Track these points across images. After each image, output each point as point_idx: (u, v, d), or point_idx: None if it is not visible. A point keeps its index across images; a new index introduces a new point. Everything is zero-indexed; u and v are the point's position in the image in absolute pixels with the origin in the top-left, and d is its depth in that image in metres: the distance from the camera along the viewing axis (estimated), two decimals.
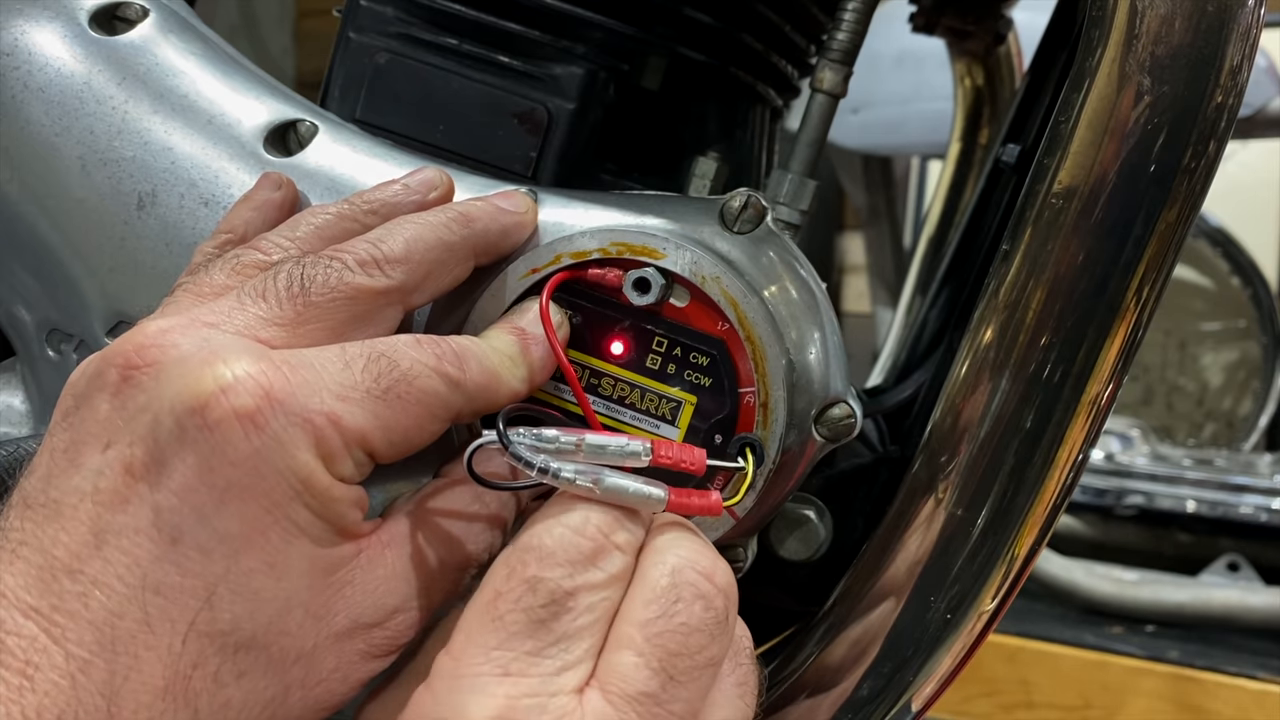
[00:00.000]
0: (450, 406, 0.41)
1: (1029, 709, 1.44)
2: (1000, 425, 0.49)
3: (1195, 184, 0.47)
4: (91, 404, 0.38)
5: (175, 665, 0.35)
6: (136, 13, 0.55)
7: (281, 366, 0.37)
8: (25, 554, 0.36)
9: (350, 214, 0.46)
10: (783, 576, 0.55)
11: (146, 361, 0.38)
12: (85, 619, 0.35)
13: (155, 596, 0.35)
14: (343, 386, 0.38)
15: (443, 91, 0.54)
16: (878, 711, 0.51)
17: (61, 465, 0.37)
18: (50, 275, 0.53)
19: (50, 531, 0.36)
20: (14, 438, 0.51)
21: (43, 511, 0.37)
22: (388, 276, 0.42)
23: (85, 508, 0.36)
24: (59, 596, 0.35)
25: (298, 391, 0.37)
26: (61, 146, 0.52)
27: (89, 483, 0.37)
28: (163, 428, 0.36)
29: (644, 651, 0.37)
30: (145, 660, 0.35)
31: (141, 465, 0.36)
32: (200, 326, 0.39)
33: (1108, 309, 0.48)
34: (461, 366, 0.41)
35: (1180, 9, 0.46)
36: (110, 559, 0.35)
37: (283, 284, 0.41)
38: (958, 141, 1.01)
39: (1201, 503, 1.69)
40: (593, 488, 0.40)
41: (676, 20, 0.56)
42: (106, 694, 0.34)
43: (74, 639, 0.35)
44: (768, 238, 0.48)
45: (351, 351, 0.39)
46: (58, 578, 0.35)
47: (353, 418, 0.38)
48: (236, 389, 0.36)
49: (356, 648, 0.39)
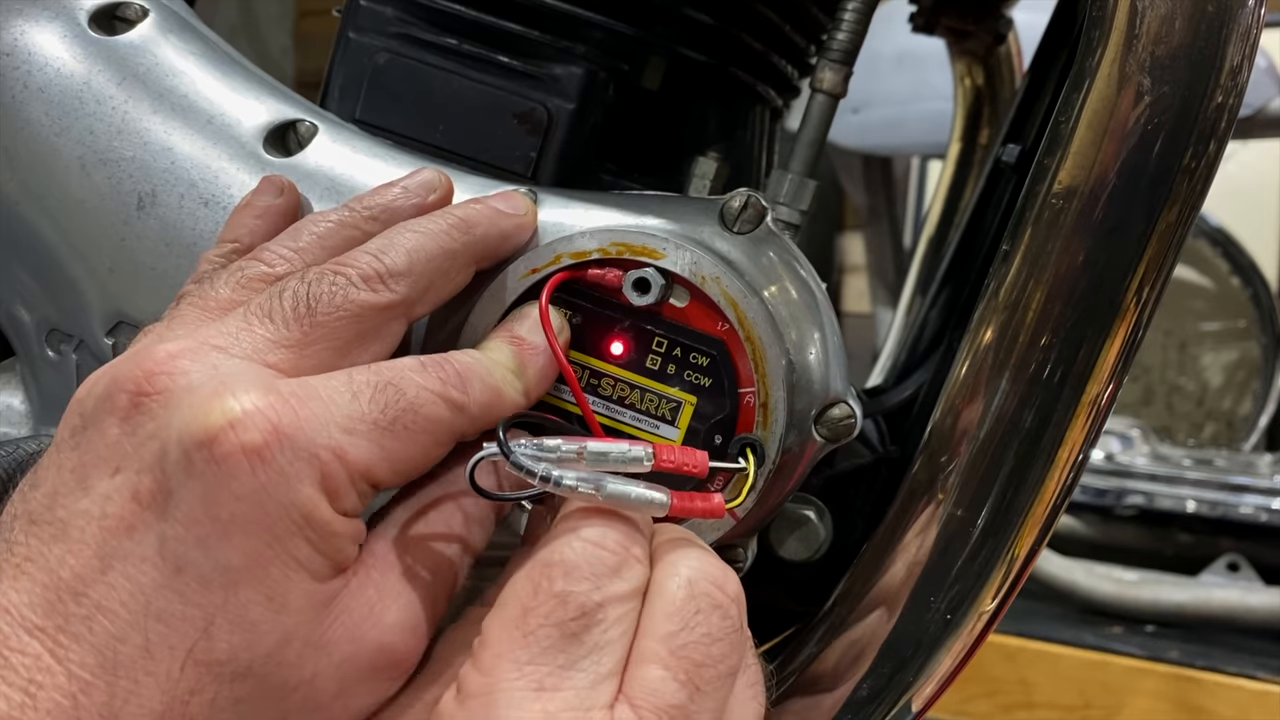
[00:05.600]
0: (455, 430, 0.41)
1: (1029, 709, 1.44)
2: (1000, 425, 0.49)
3: (1195, 184, 0.47)
4: (100, 426, 0.38)
5: (173, 691, 0.36)
6: (136, 13, 0.55)
7: (290, 400, 0.38)
8: (31, 571, 0.36)
9: (351, 221, 0.46)
10: (783, 576, 0.55)
11: (156, 389, 0.38)
12: (89, 642, 0.35)
13: (157, 623, 0.36)
14: (349, 419, 0.38)
15: (442, 91, 0.54)
16: (878, 711, 0.51)
17: (69, 485, 0.38)
18: (50, 275, 0.53)
19: (57, 551, 0.37)
20: (14, 438, 0.51)
21: (49, 530, 0.37)
22: (392, 291, 0.42)
23: (92, 531, 0.37)
24: (64, 618, 0.36)
25: (305, 426, 0.37)
26: (61, 146, 0.52)
27: (97, 507, 0.37)
28: (170, 458, 0.37)
29: (670, 665, 0.37)
30: (144, 685, 0.35)
31: (148, 494, 0.37)
32: (209, 350, 0.39)
33: (1108, 309, 0.48)
34: (465, 389, 0.41)
35: (1180, 9, 0.46)
36: (115, 584, 0.36)
37: (289, 304, 0.41)
38: (958, 141, 1.01)
39: (1201, 503, 1.69)
40: (595, 494, 0.40)
41: (676, 20, 0.56)
42: (106, 715, 0.35)
43: (77, 660, 0.35)
44: (768, 238, 0.48)
45: (359, 381, 0.39)
46: (63, 599, 0.36)
47: (359, 451, 0.38)
48: (245, 423, 0.36)
49: (359, 672, 0.39)
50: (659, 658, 0.38)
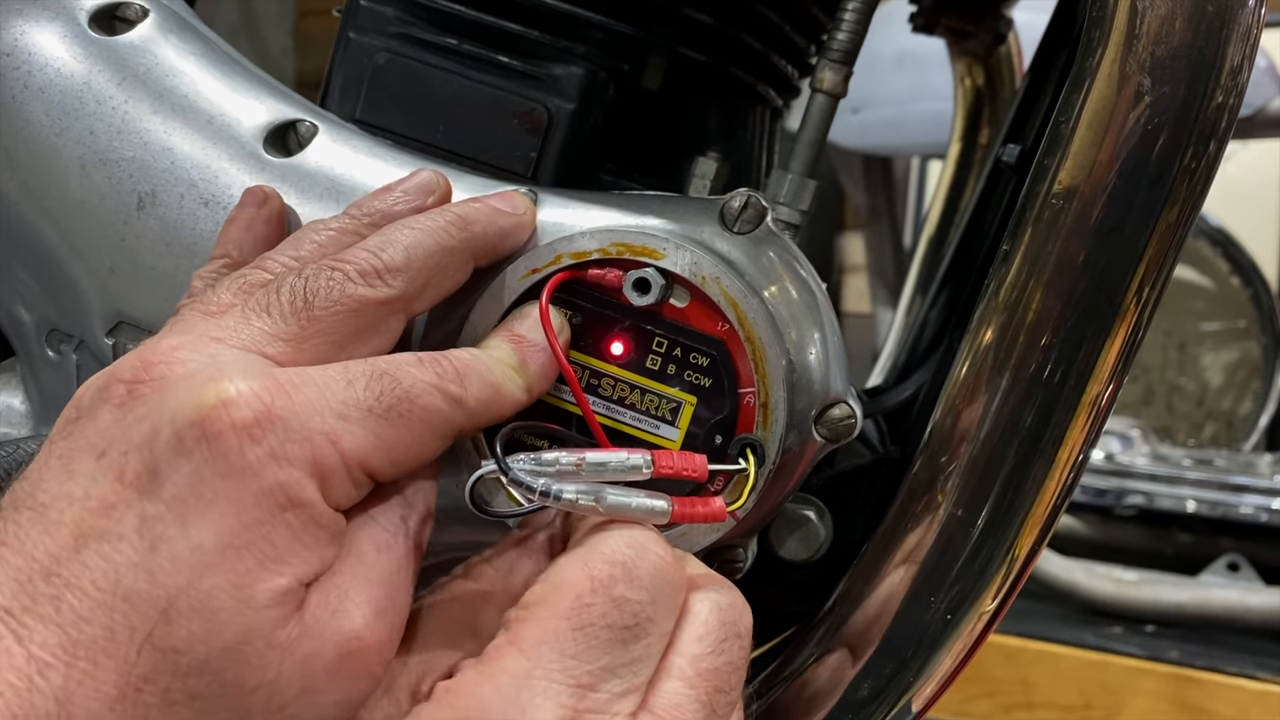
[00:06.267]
0: (453, 423, 0.41)
1: (1029, 709, 1.45)
2: (1000, 425, 0.49)
3: (1195, 184, 0.47)
4: (94, 415, 0.38)
5: (128, 676, 0.35)
6: (136, 13, 0.55)
7: (284, 384, 0.38)
8: (5, 555, 0.36)
9: (351, 228, 0.46)
10: (783, 576, 0.55)
11: (153, 376, 0.38)
12: (54, 621, 0.35)
13: (123, 603, 0.35)
14: (344, 405, 0.38)
15: (443, 91, 0.54)
16: (878, 711, 0.51)
17: (54, 470, 0.37)
18: (50, 275, 0.53)
19: (34, 534, 0.36)
20: (14, 438, 0.51)
21: (28, 514, 0.37)
22: (389, 286, 0.42)
23: (72, 512, 0.36)
24: (32, 598, 0.35)
25: (300, 410, 0.37)
26: (61, 147, 0.52)
27: (80, 488, 0.37)
28: (160, 438, 0.36)
29: (695, 685, 0.38)
30: (103, 667, 0.35)
31: (134, 474, 0.36)
32: (208, 342, 0.39)
33: (1108, 309, 0.48)
34: (463, 383, 0.41)
35: (1180, 9, 0.46)
36: (88, 563, 0.35)
37: (286, 298, 0.41)
38: (958, 141, 1.01)
39: (1201, 503, 1.69)
40: (595, 506, 0.40)
41: (676, 20, 0.56)
42: (60, 698, 0.34)
43: (39, 641, 0.34)
44: (768, 238, 0.48)
45: (354, 370, 0.39)
46: (34, 580, 0.35)
47: (353, 437, 0.38)
48: (238, 402, 0.36)
49: (325, 672, 0.37)
50: (685, 676, 0.38)
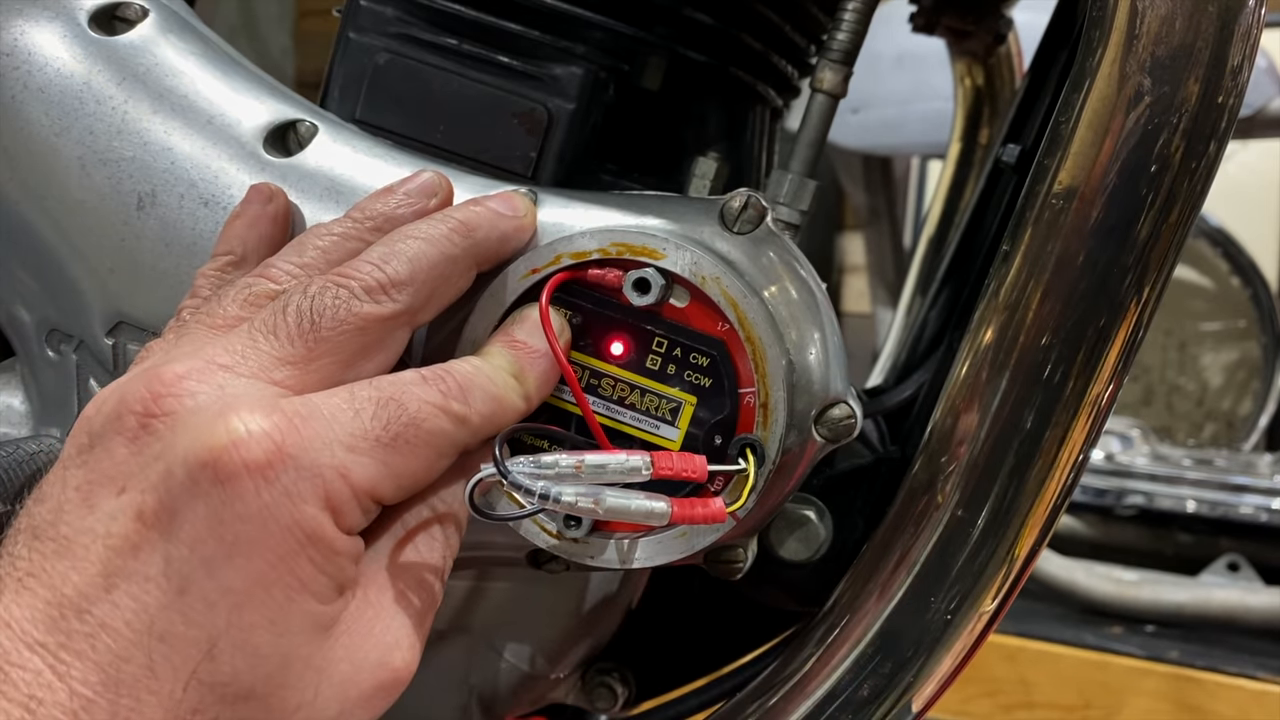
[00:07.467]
0: (457, 443, 0.42)
1: (1029, 709, 1.44)
2: (1000, 425, 0.49)
3: (1195, 184, 0.47)
4: (108, 446, 0.38)
5: (176, 710, 0.36)
6: (136, 13, 0.54)
7: (293, 419, 0.38)
8: (33, 586, 0.37)
9: (355, 233, 0.46)
10: (783, 577, 0.55)
11: (164, 411, 0.38)
12: (91, 659, 0.36)
13: (160, 644, 0.36)
14: (353, 437, 0.39)
15: (443, 91, 0.54)
16: (878, 711, 0.51)
17: (74, 502, 0.38)
18: (50, 275, 0.53)
19: (60, 568, 0.37)
20: (14, 438, 0.51)
21: (52, 545, 0.37)
22: (395, 301, 0.42)
23: (97, 549, 0.37)
24: (66, 635, 0.36)
25: (309, 446, 0.38)
26: (61, 147, 0.52)
27: (102, 525, 0.37)
28: (175, 479, 0.37)
29: None
30: (147, 704, 0.36)
31: (153, 514, 0.37)
32: (216, 370, 0.40)
33: (1108, 309, 0.48)
34: (467, 400, 0.42)
35: (1180, 9, 0.46)
36: (119, 603, 0.36)
37: (293, 319, 0.41)
38: (958, 141, 1.01)
39: (1201, 503, 1.69)
40: (595, 508, 0.41)
41: (676, 20, 0.56)
42: None
43: (79, 678, 0.35)
44: (768, 238, 0.48)
45: (360, 397, 0.40)
46: (66, 616, 0.36)
47: (362, 469, 0.39)
48: (249, 443, 0.37)
49: (359, 692, 0.39)
50: None
